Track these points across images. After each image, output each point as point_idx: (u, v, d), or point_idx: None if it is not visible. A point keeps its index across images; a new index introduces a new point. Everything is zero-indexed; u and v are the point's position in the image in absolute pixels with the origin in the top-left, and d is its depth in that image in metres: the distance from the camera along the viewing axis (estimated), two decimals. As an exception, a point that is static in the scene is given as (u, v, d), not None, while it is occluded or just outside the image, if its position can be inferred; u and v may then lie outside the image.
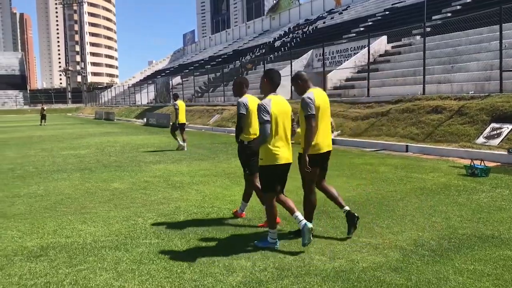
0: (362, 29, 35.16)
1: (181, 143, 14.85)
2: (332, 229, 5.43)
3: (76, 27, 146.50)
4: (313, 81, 5.77)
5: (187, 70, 56.61)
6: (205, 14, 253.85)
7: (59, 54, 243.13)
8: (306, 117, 4.93)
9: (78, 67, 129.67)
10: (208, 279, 3.97)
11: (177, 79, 50.04)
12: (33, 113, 76.77)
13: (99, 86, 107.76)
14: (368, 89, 19.47)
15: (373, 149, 13.70)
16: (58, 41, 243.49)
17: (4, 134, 26.42)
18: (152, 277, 4.06)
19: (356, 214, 5.15)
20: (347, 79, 24.41)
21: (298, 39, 44.98)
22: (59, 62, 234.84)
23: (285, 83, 27.17)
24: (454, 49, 20.01)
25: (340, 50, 27.05)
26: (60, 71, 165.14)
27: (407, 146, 13.15)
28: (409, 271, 4.06)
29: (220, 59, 55.96)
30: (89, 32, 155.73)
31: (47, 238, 5.33)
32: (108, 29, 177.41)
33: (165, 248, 4.84)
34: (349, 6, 49.94)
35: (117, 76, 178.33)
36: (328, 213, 6.16)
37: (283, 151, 4.84)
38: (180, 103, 15.00)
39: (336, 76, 24.66)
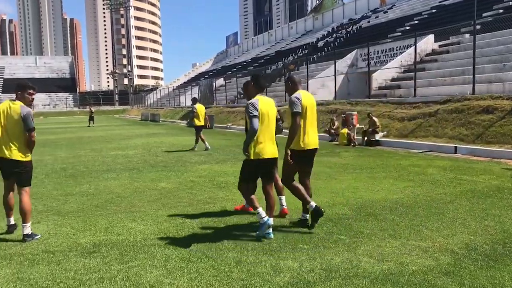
0: (408, 28, 34.42)
1: (207, 145, 15.43)
2: (379, 232, 5.34)
3: (123, 31, 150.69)
4: (358, 81, 5.78)
5: (230, 72, 57.08)
6: (248, 16, 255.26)
7: (106, 57, 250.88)
8: (292, 115, 5.44)
9: (124, 70, 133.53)
10: (256, 279, 4.00)
11: (220, 81, 50.58)
12: (82, 114, 79.50)
13: (145, 89, 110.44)
14: (415, 89, 19.02)
15: (420, 150, 13.38)
16: (106, 45, 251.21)
17: (55, 135, 27.51)
18: (200, 275, 4.13)
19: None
20: (393, 79, 23.95)
21: (341, 39, 44.52)
22: (107, 65, 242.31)
23: (329, 83, 27.10)
24: (507, 47, 19.26)
25: (385, 49, 26.56)
26: (107, 74, 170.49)
27: (456, 147, 12.77)
28: (462, 276, 3.94)
29: (262, 61, 56.15)
30: (135, 36, 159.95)
31: (99, 235, 5.52)
32: (154, 32, 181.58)
33: (212, 247, 4.91)
34: (394, 5, 48.98)
35: (162, 79, 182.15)
36: (375, 216, 6.07)
37: (268, 146, 5.28)
38: (199, 107, 15.69)
39: (381, 76, 24.25)
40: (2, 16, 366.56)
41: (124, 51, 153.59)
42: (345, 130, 16.10)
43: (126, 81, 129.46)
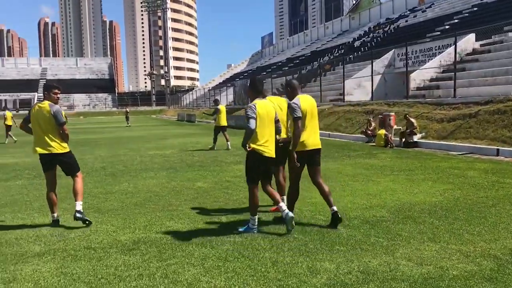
0: (447, 27, 33.61)
1: (228, 145, 15.96)
2: (418, 235, 5.24)
3: (160, 33, 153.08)
4: (395, 82, 5.72)
5: (265, 73, 57.15)
6: (283, 16, 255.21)
7: (144, 58, 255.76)
8: (293, 120, 5.72)
9: (162, 71, 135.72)
10: (292, 279, 4.00)
11: (255, 82, 50.62)
12: (120, 114, 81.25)
13: (181, 89, 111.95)
14: (455, 90, 18.54)
15: (460, 152, 13.04)
16: (144, 47, 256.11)
17: (95, 134, 28.25)
18: (237, 274, 4.16)
19: (340, 217, 5.64)
20: (432, 79, 23.43)
21: (378, 38, 43.89)
22: (144, 66, 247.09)
23: (366, 84, 26.77)
24: (553, 45, 18.53)
25: (424, 49, 26.00)
26: (145, 75, 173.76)
27: (498, 149, 12.38)
28: (506, 282, 3.83)
29: (297, 61, 55.99)
30: (172, 37, 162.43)
31: (138, 233, 5.64)
32: (190, 34, 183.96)
33: (248, 247, 4.94)
34: (433, 4, 47.92)
35: (197, 80, 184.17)
36: (414, 218, 5.96)
37: (267, 145, 5.52)
38: (222, 107, 16.21)
39: (419, 77, 23.76)
40: (45, 19, 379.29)
41: (161, 53, 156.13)
42: (382, 131, 15.86)
43: (163, 82, 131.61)
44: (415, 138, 15.29)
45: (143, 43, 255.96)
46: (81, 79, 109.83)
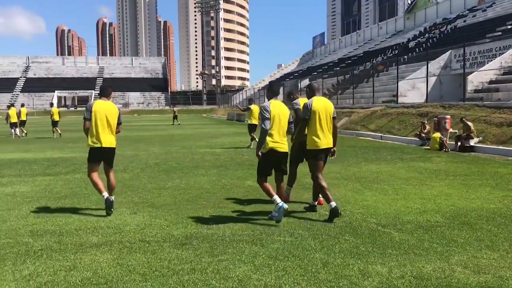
0: (509, 27, 32.11)
1: (251, 144, 16.64)
2: (475, 242, 5.06)
3: (212, 33, 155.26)
4: (451, 84, 5.57)
5: (316, 73, 56.79)
6: (335, 16, 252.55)
7: (196, 58, 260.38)
8: (302, 119, 6.33)
9: (213, 71, 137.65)
10: (343, 281, 3.97)
11: (305, 82, 50.47)
12: (172, 113, 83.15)
13: (231, 89, 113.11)
14: (516, 93, 17.70)
15: (521, 158, 12.44)
16: (196, 47, 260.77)
17: (149, 132, 29.05)
18: (287, 273, 4.17)
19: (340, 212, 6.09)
20: (491, 82, 22.47)
21: (434, 39, 42.56)
22: (196, 66, 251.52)
23: (420, 85, 26.06)
24: None
25: (483, 50, 24.99)
26: (197, 74, 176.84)
27: None
28: None
29: (349, 61, 55.21)
30: (224, 38, 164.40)
31: (190, 228, 5.76)
32: (241, 34, 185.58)
33: (299, 247, 4.94)
34: (494, 3, 45.93)
35: (248, 79, 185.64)
36: (470, 225, 5.76)
37: (279, 143, 6.09)
38: (254, 107, 16.80)
39: (477, 79, 22.84)
40: (103, 19, 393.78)
41: (213, 53, 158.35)
42: (437, 135, 15.38)
43: (214, 81, 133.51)
44: (472, 142, 14.73)
45: (196, 43, 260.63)
46: (136, 78, 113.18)
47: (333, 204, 6.00)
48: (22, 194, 8.20)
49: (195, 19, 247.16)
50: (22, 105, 27.30)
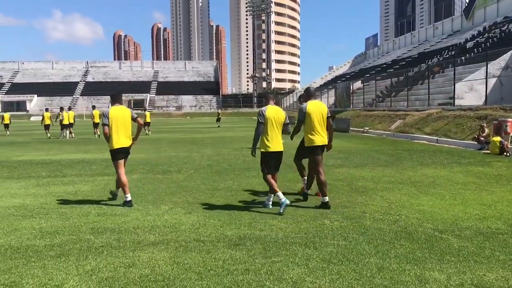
0: None
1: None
2: (541, 251, 4.81)
3: (264, 36, 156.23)
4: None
5: (368, 75, 55.76)
6: (389, 17, 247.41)
7: (247, 61, 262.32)
8: (297, 121, 7.37)
9: (263, 74, 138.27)
10: (399, 287, 3.89)
11: (357, 84, 49.73)
12: (223, 116, 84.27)
13: (282, 92, 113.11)
14: None
15: None
16: (247, 50, 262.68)
17: (201, 134, 29.56)
18: (342, 277, 4.13)
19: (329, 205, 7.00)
20: (557, 83, 21.27)
21: (495, 39, 40.77)
22: (247, 69, 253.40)
23: (478, 87, 25.09)
24: None
25: (548, 49, 23.71)
26: (248, 77, 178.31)
27: None
28: None
29: (404, 63, 53.84)
30: (274, 40, 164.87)
31: (243, 229, 5.82)
32: (292, 36, 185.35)
33: (353, 251, 4.88)
34: (562, -1, 43.44)
35: (298, 82, 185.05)
36: (535, 233, 5.48)
37: (274, 143, 7.03)
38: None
39: (542, 79, 21.70)
40: (158, 24, 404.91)
41: (264, 56, 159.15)
42: (497, 138, 14.72)
43: (264, 84, 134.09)
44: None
45: (247, 46, 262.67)
46: (188, 81, 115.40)
47: (326, 199, 7.03)
48: (83, 193, 8.58)
49: (247, 23, 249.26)
50: (69, 108, 28.92)
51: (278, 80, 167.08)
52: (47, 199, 8.08)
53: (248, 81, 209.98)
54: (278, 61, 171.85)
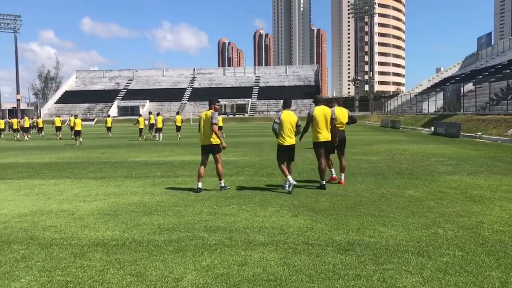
0: None
1: None
2: None
3: (366, 38, 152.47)
4: None
5: (481, 76, 52.08)
6: (504, 14, 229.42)
7: (348, 64, 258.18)
8: (306, 122, 9.62)
9: (366, 77, 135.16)
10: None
11: (468, 86, 46.61)
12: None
13: (385, 95, 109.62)
14: None
15: None
16: (349, 53, 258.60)
17: (303, 138, 29.60)
18: (460, 289, 3.94)
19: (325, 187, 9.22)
20: None
21: None
22: (348, 72, 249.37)
23: None
24: None
25: None
26: (349, 81, 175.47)
27: None
28: None
29: (522, 63, 49.53)
30: (378, 42, 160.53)
31: (351, 234, 5.77)
32: (397, 38, 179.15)
33: (471, 262, 4.62)
34: None
35: (403, 85, 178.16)
36: None
37: (286, 139, 9.09)
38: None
39: None
40: (260, 31, 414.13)
41: (366, 58, 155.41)
42: None
43: (366, 87, 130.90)
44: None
45: (348, 49, 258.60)
46: (289, 86, 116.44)
47: (324, 182, 9.27)
48: (195, 193, 9.05)
49: (348, 26, 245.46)
50: (158, 114, 31.17)
51: (381, 83, 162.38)
52: (163, 197, 8.65)
53: (349, 85, 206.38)
54: (381, 63, 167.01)
